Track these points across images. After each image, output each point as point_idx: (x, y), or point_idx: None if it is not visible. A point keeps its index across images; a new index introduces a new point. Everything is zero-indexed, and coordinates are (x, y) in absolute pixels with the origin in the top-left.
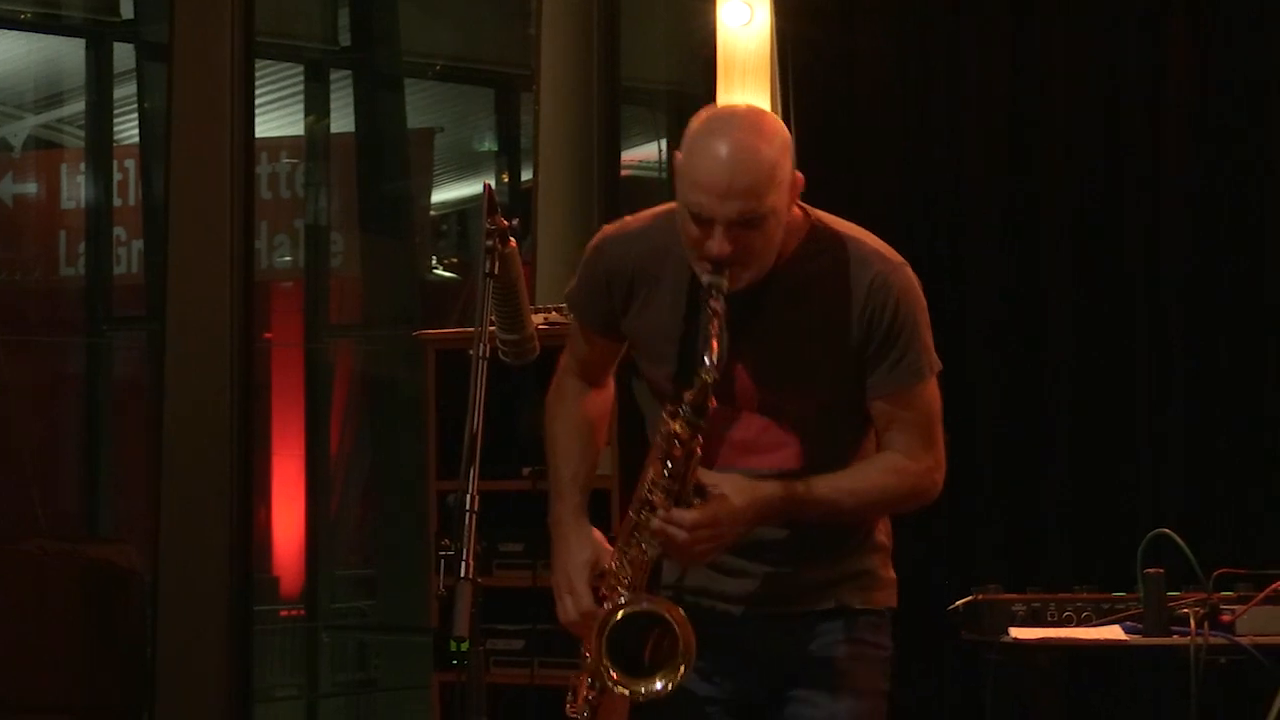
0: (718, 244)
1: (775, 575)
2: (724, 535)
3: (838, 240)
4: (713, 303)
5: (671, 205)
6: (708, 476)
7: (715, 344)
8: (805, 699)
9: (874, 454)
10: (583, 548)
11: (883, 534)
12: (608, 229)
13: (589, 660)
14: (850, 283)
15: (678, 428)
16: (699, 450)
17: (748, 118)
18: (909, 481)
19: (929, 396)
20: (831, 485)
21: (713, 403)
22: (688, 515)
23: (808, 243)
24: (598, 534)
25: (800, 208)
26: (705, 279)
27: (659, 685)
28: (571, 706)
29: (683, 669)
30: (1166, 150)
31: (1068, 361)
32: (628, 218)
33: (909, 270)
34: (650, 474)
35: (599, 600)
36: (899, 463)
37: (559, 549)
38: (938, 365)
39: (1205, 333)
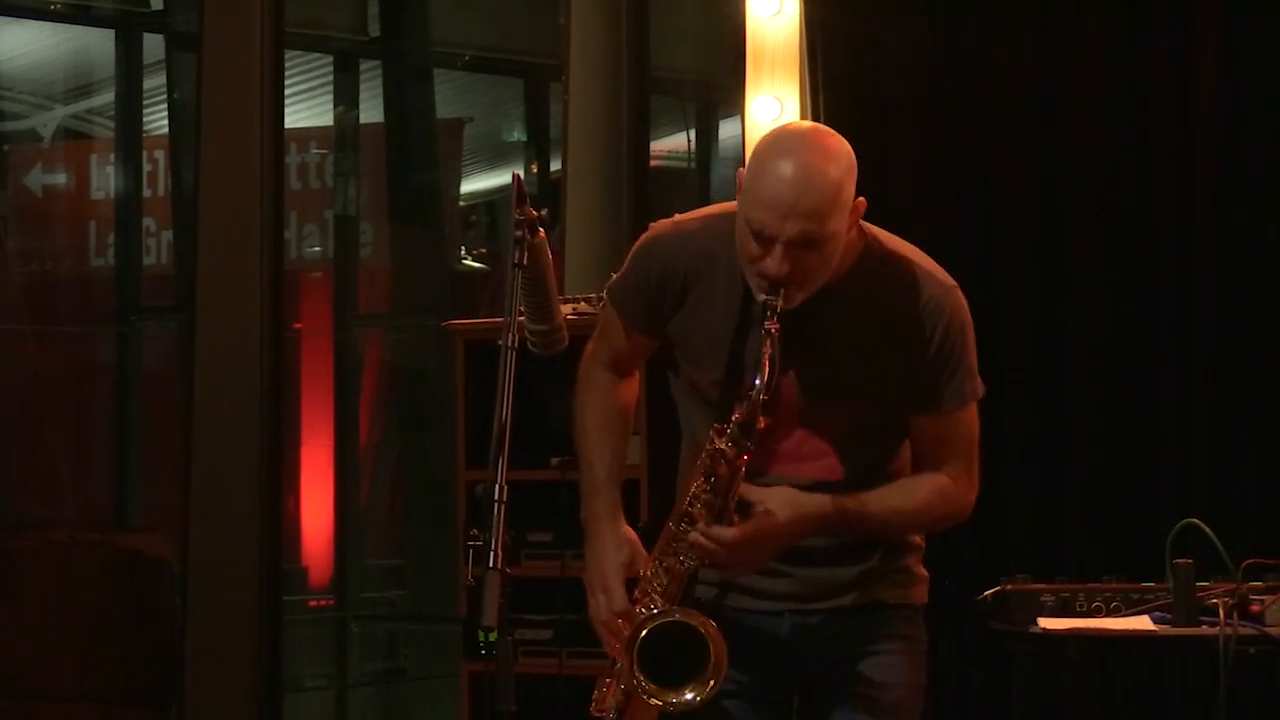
0: (776, 264)
1: (812, 575)
2: (765, 552)
3: (892, 260)
4: (767, 324)
5: (723, 206)
6: (753, 493)
7: (767, 366)
8: (845, 692)
9: (911, 470)
10: (620, 548)
11: (917, 534)
12: (659, 227)
13: (618, 666)
14: (903, 303)
15: (724, 446)
16: (743, 470)
17: (815, 139)
18: (950, 504)
19: (971, 420)
20: (880, 504)
21: (762, 423)
22: (729, 533)
23: (862, 261)
24: (633, 534)
25: (856, 225)
26: (760, 298)
27: (689, 696)
28: (597, 707)
29: (713, 683)
30: (1197, 133)
31: (1096, 350)
32: (679, 216)
33: (960, 294)
34: (692, 488)
35: (632, 603)
36: (944, 484)
37: (594, 547)
38: (981, 391)
39: (1234, 321)
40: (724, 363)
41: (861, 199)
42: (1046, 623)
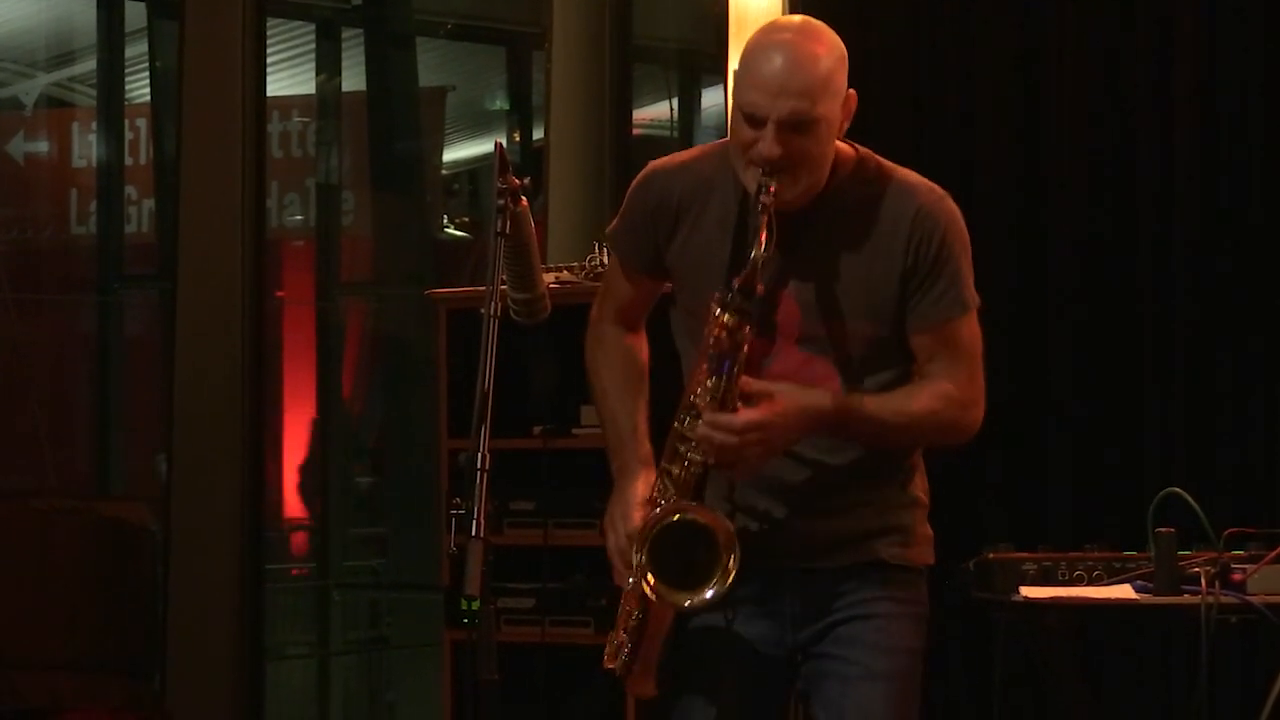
0: (768, 145)
1: (811, 528)
2: (773, 439)
3: (884, 172)
4: (762, 197)
5: (720, 141)
6: (755, 384)
7: (764, 234)
8: (841, 655)
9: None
10: (646, 487)
11: (920, 490)
12: (654, 164)
13: (626, 595)
14: (896, 212)
15: (726, 318)
16: (747, 345)
17: (806, 26)
18: (954, 410)
19: (971, 330)
20: (880, 403)
21: (760, 289)
22: (735, 418)
23: (855, 173)
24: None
25: (848, 143)
26: (755, 181)
27: (709, 594)
28: (609, 658)
29: (731, 577)
30: (1179, 115)
31: (1077, 318)
32: (675, 153)
33: (952, 203)
34: (696, 377)
35: None
36: (947, 389)
37: (617, 494)
38: (978, 300)
39: (1214, 290)
40: (722, 284)
41: (853, 91)
42: (1028, 591)
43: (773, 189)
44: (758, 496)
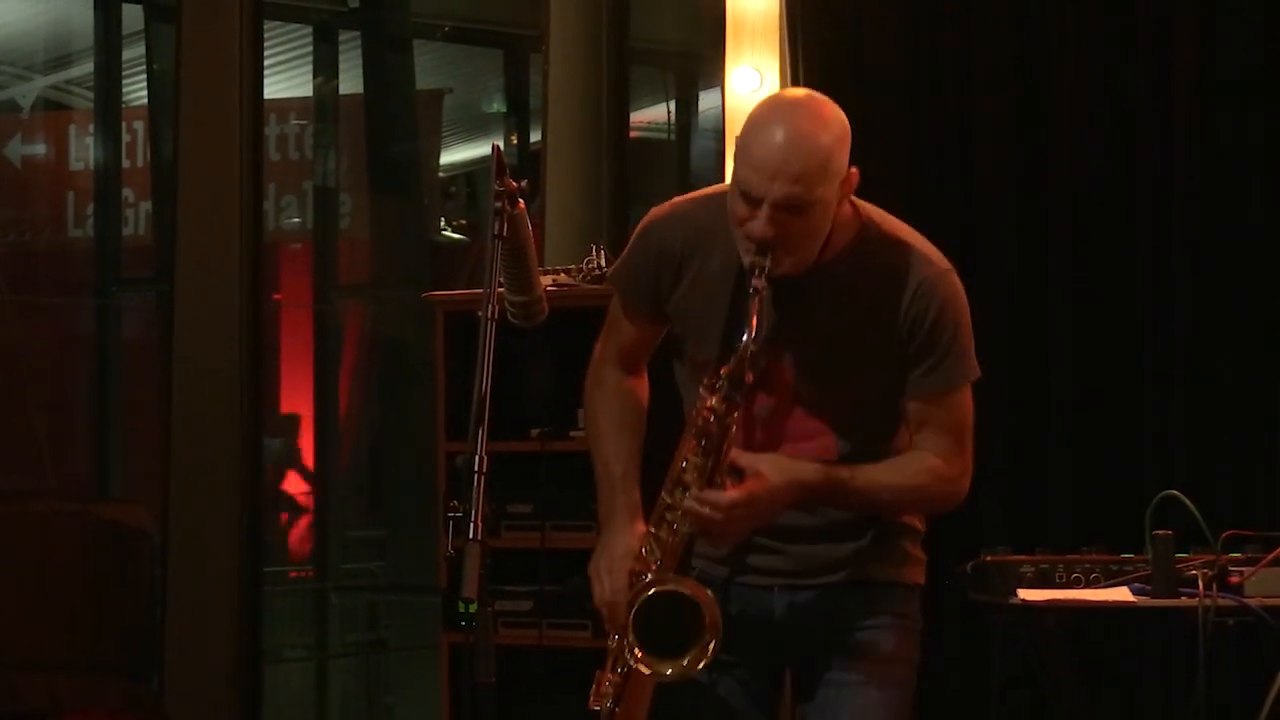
0: (760, 225)
1: (804, 552)
2: (760, 515)
3: (887, 241)
4: (755, 281)
5: (721, 187)
6: (744, 457)
7: (755, 320)
8: (837, 667)
9: (907, 451)
10: (631, 539)
11: (915, 518)
12: (656, 211)
13: (615, 644)
14: (897, 285)
15: (714, 402)
16: (734, 427)
17: (809, 105)
18: (939, 485)
19: (964, 402)
20: (870, 478)
21: (749, 377)
22: (722, 496)
23: (858, 241)
24: (646, 526)
25: (853, 204)
26: (747, 259)
27: (686, 664)
28: (595, 699)
29: (711, 647)
30: (1178, 112)
31: (1076, 321)
32: (676, 199)
33: (955, 277)
34: (684, 452)
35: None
36: (935, 465)
37: (607, 540)
38: (976, 374)
39: (1212, 293)
40: (721, 338)
41: (854, 170)
42: (1026, 594)
43: (764, 274)
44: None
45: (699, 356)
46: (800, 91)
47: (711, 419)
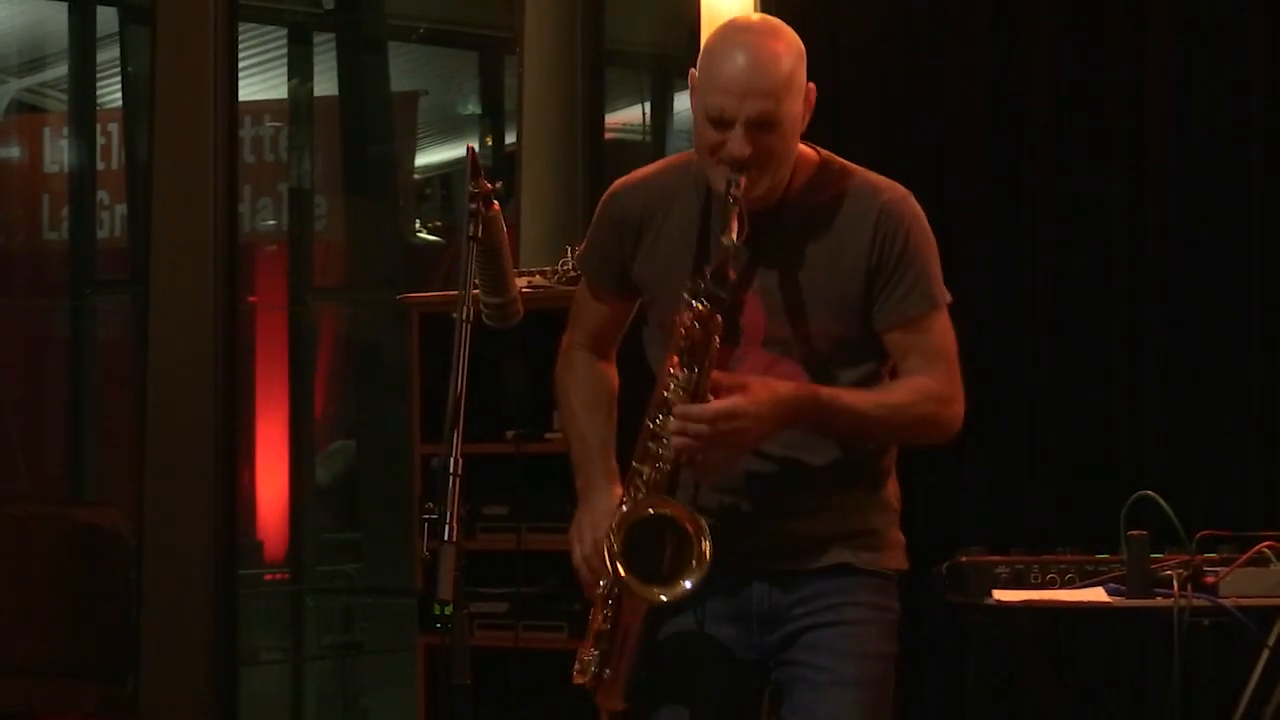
0: (738, 145)
1: (780, 530)
2: (748, 429)
3: (845, 173)
4: (732, 191)
5: (682, 154)
6: (727, 376)
7: (735, 223)
8: (811, 661)
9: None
10: (613, 500)
11: (891, 495)
12: (616, 183)
13: (604, 586)
14: (859, 211)
15: (698, 305)
16: (719, 335)
17: (764, 25)
18: (933, 405)
19: (943, 326)
20: (858, 395)
21: (732, 274)
22: (708, 406)
23: (816, 176)
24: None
25: (809, 145)
26: (723, 179)
27: (687, 584)
28: (578, 673)
29: (706, 563)
30: (1152, 108)
31: (1049, 321)
32: (638, 170)
33: (914, 201)
34: (667, 371)
35: None
36: (925, 384)
37: (587, 503)
38: (948, 296)
39: (1187, 293)
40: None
41: (812, 85)
42: (1001, 594)
43: (742, 183)
44: (725, 495)
45: (664, 317)
46: (754, 15)
47: (695, 325)
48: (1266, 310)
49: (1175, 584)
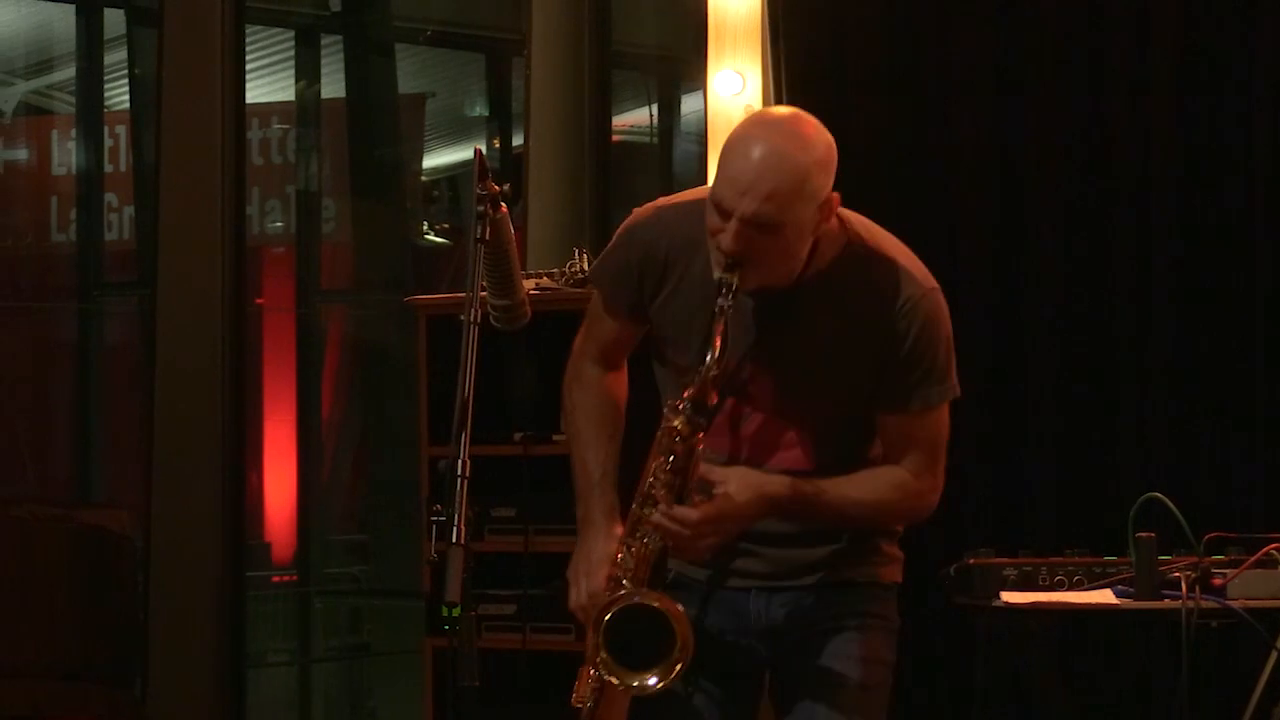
0: (729, 239)
1: (779, 555)
2: (727, 531)
3: (873, 257)
4: (719, 299)
5: (704, 191)
6: (712, 473)
7: (718, 341)
8: (813, 671)
9: (879, 464)
10: (609, 542)
11: (875, 527)
12: (641, 211)
13: (589, 650)
14: (881, 302)
15: (678, 424)
16: (700, 447)
17: (790, 124)
18: (910, 500)
19: (938, 421)
20: (838, 493)
21: (713, 399)
22: (691, 513)
23: (843, 255)
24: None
25: (839, 217)
26: (716, 273)
27: (651, 681)
28: (576, 698)
29: (679, 667)
30: (1157, 107)
31: (1057, 322)
32: (661, 200)
33: (940, 297)
34: (653, 467)
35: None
36: (905, 480)
37: (584, 545)
38: (956, 393)
39: (1194, 296)
40: (701, 346)
41: (836, 194)
42: (1009, 596)
43: (730, 292)
44: None
45: (680, 361)
46: (786, 110)
47: (677, 440)
48: (1273, 312)
49: (1183, 586)
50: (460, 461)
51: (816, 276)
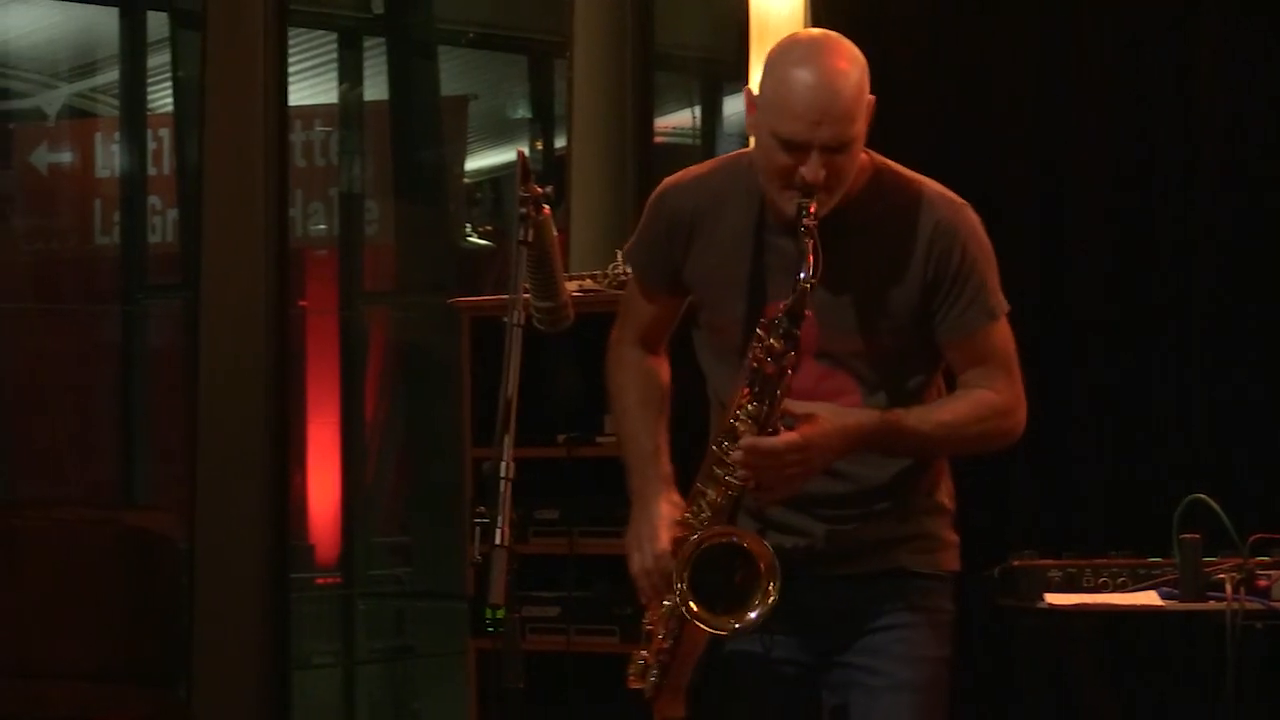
0: (812, 170)
1: (834, 534)
2: (814, 461)
3: (902, 182)
4: (805, 220)
5: (733, 154)
6: (798, 405)
7: (811, 257)
8: (866, 665)
9: (956, 391)
10: (671, 507)
11: (945, 495)
12: (667, 180)
13: (658, 613)
14: (916, 224)
15: (772, 341)
16: (790, 369)
17: (827, 43)
18: (996, 418)
19: (1004, 335)
20: (921, 416)
21: (809, 313)
22: (778, 440)
23: (873, 184)
24: (683, 502)
25: (865, 151)
26: (794, 203)
27: (753, 615)
28: (633, 677)
29: (772, 602)
30: (1200, 97)
31: (1101, 324)
32: (689, 168)
33: (971, 211)
34: (736, 401)
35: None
36: (987, 397)
37: (643, 512)
38: (1006, 306)
39: (1236, 295)
40: (743, 297)
41: (872, 97)
42: (1053, 598)
43: (813, 208)
44: (780, 506)
45: (716, 320)
46: (815, 31)
47: (768, 359)
48: None
49: (1228, 587)
50: (504, 463)
51: (852, 205)
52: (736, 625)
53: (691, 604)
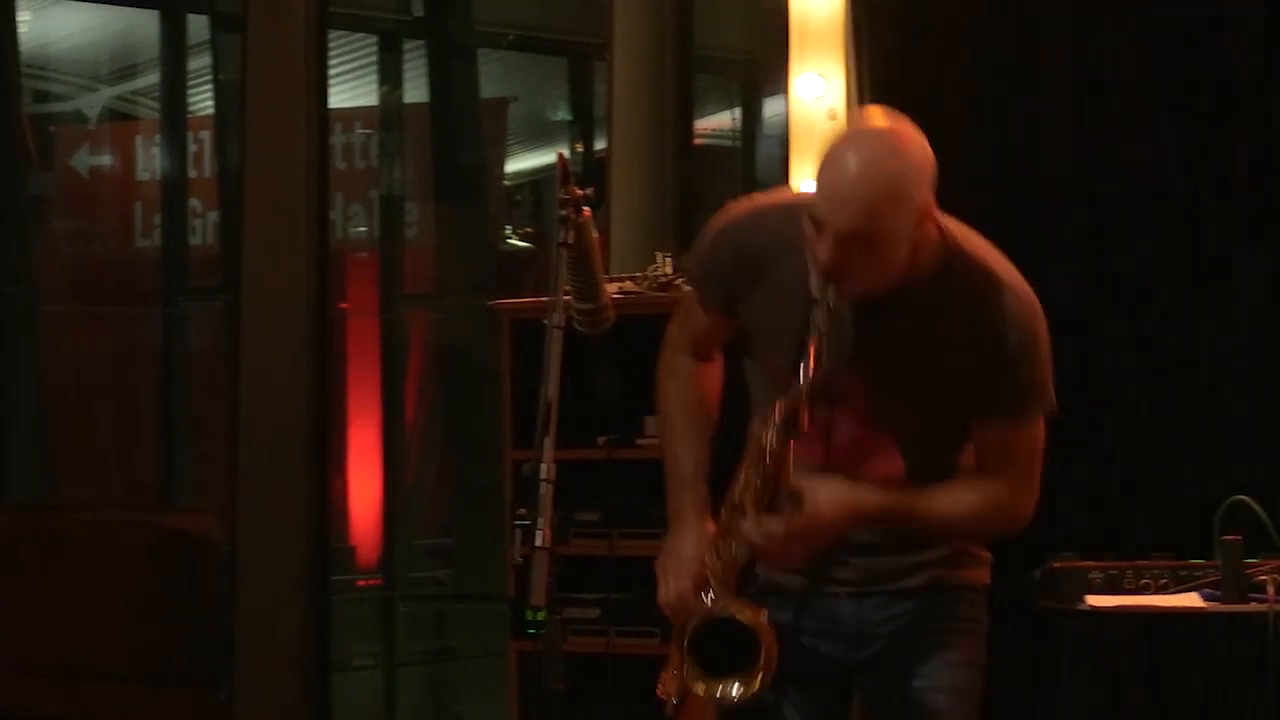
0: (824, 251)
1: (868, 561)
2: (815, 544)
3: (971, 267)
4: (814, 314)
5: (794, 196)
6: (803, 484)
7: (812, 362)
8: (904, 676)
9: (973, 475)
10: (700, 539)
11: (965, 540)
12: (736, 208)
13: (673, 656)
14: (980, 311)
15: (770, 435)
16: (790, 463)
17: (887, 136)
18: (1003, 515)
19: (1035, 434)
20: (930, 507)
21: (805, 421)
22: (778, 526)
23: (942, 264)
24: (714, 530)
25: (938, 225)
26: (814, 285)
27: (735, 690)
28: (662, 689)
29: (761, 677)
30: (1243, 110)
31: (1143, 327)
32: (757, 197)
33: (1039, 311)
34: (742, 478)
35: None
36: (999, 496)
37: (675, 540)
38: (1052, 406)
39: (1276, 296)
40: (791, 348)
41: (931, 201)
42: (1095, 600)
43: (830, 300)
44: None
45: (771, 360)
46: (884, 121)
47: (765, 454)
48: None
49: (1270, 589)
50: (544, 465)
51: (915, 285)
52: (719, 695)
53: (689, 669)
